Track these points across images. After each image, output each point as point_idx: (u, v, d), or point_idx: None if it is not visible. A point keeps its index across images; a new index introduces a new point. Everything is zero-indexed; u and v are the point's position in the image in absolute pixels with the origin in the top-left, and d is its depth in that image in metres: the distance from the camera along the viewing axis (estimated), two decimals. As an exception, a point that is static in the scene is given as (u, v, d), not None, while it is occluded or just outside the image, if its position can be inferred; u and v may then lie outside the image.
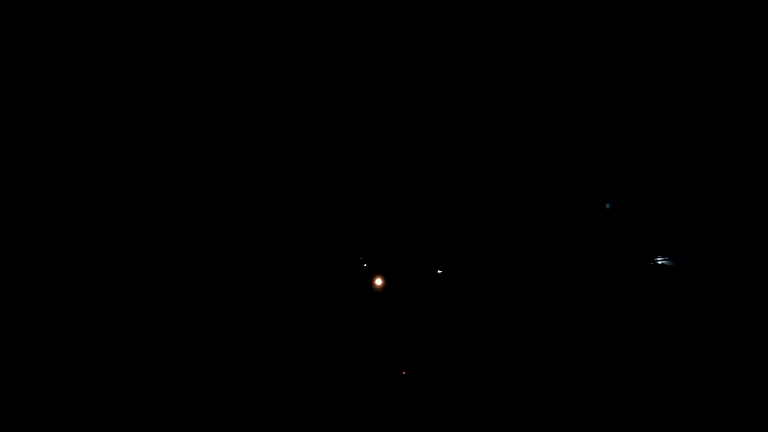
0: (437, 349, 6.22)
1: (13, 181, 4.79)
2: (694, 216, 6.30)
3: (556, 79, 7.43)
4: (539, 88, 7.77)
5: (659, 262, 6.37)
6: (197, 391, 4.22)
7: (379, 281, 8.47)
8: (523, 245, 8.34)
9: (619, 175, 7.16)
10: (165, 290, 5.92)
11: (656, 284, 6.20)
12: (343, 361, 5.48)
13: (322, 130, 8.31)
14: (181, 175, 6.35)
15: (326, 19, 7.54)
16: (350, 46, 7.77)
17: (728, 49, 5.81)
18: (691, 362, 5.53)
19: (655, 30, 6.41)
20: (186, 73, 6.03)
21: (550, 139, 7.66)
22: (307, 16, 7.24)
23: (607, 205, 7.53)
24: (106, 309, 5.28)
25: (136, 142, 5.49)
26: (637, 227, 6.41)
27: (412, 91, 8.06)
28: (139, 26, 5.51)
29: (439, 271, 9.58)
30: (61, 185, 5.04)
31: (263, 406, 4.18)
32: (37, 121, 4.93)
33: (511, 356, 6.01)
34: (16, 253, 5.08)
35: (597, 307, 7.38)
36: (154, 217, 5.98)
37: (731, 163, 5.93)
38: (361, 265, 8.96)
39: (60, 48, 4.97)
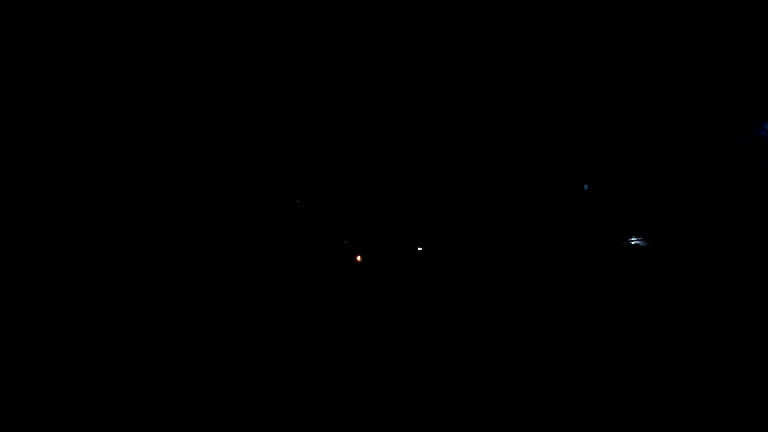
0: (421, 318, 6.41)
1: (21, 181, 4.89)
2: (666, 203, 6.44)
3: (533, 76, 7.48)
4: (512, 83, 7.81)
5: (633, 243, 6.55)
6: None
7: (359, 257, 9.01)
8: (509, 223, 8.50)
9: (599, 164, 7.26)
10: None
11: (631, 262, 6.39)
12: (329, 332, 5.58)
13: (305, 122, 8.37)
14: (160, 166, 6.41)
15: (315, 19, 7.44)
16: (334, 46, 7.73)
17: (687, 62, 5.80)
18: (665, 331, 5.73)
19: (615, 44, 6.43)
20: (165, 74, 6.05)
21: (528, 125, 7.75)
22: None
23: (585, 187, 7.63)
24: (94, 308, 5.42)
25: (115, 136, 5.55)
26: (613, 210, 6.55)
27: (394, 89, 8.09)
28: (135, 26, 5.51)
29: (419, 249, 9.83)
30: (62, 186, 5.13)
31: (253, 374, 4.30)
32: (40, 123, 5.03)
33: (495, 329, 6.24)
34: (17, 253, 5.23)
35: (578, 283, 7.58)
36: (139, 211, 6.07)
37: (701, 161, 6.03)
38: (343, 243, 9.34)
39: (63, 50, 5.02)
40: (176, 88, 6.04)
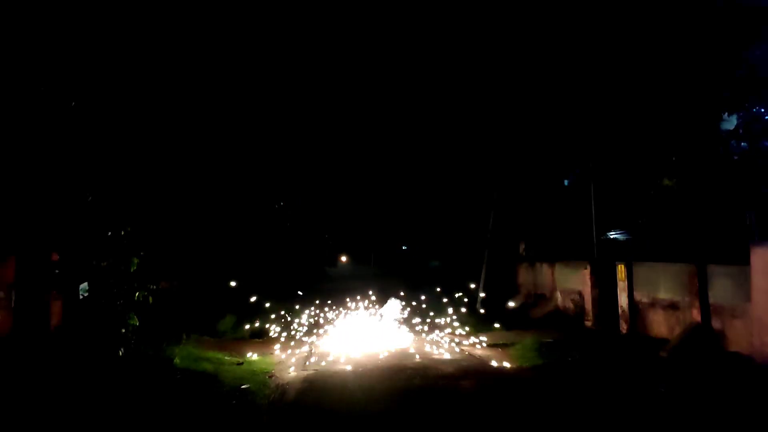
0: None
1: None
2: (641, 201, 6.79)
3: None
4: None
5: (611, 236, 6.84)
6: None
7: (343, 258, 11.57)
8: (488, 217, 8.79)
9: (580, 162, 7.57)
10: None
11: (609, 254, 6.66)
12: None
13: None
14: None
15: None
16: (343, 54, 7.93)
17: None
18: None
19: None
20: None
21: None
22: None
23: (566, 182, 7.96)
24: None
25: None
26: (591, 205, 6.82)
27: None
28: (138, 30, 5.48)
29: (404, 247, 10.31)
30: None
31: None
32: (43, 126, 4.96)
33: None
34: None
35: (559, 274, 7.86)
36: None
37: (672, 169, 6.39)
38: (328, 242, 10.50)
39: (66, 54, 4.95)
40: (168, 88, 6.04)
